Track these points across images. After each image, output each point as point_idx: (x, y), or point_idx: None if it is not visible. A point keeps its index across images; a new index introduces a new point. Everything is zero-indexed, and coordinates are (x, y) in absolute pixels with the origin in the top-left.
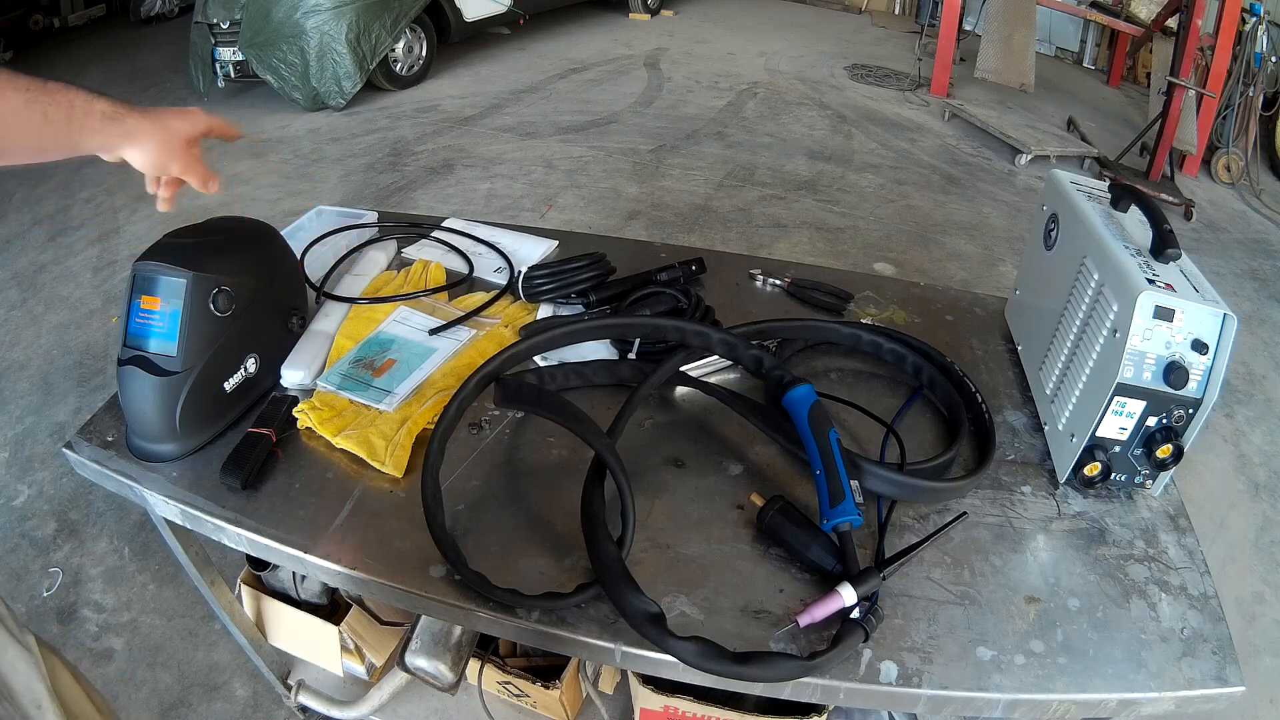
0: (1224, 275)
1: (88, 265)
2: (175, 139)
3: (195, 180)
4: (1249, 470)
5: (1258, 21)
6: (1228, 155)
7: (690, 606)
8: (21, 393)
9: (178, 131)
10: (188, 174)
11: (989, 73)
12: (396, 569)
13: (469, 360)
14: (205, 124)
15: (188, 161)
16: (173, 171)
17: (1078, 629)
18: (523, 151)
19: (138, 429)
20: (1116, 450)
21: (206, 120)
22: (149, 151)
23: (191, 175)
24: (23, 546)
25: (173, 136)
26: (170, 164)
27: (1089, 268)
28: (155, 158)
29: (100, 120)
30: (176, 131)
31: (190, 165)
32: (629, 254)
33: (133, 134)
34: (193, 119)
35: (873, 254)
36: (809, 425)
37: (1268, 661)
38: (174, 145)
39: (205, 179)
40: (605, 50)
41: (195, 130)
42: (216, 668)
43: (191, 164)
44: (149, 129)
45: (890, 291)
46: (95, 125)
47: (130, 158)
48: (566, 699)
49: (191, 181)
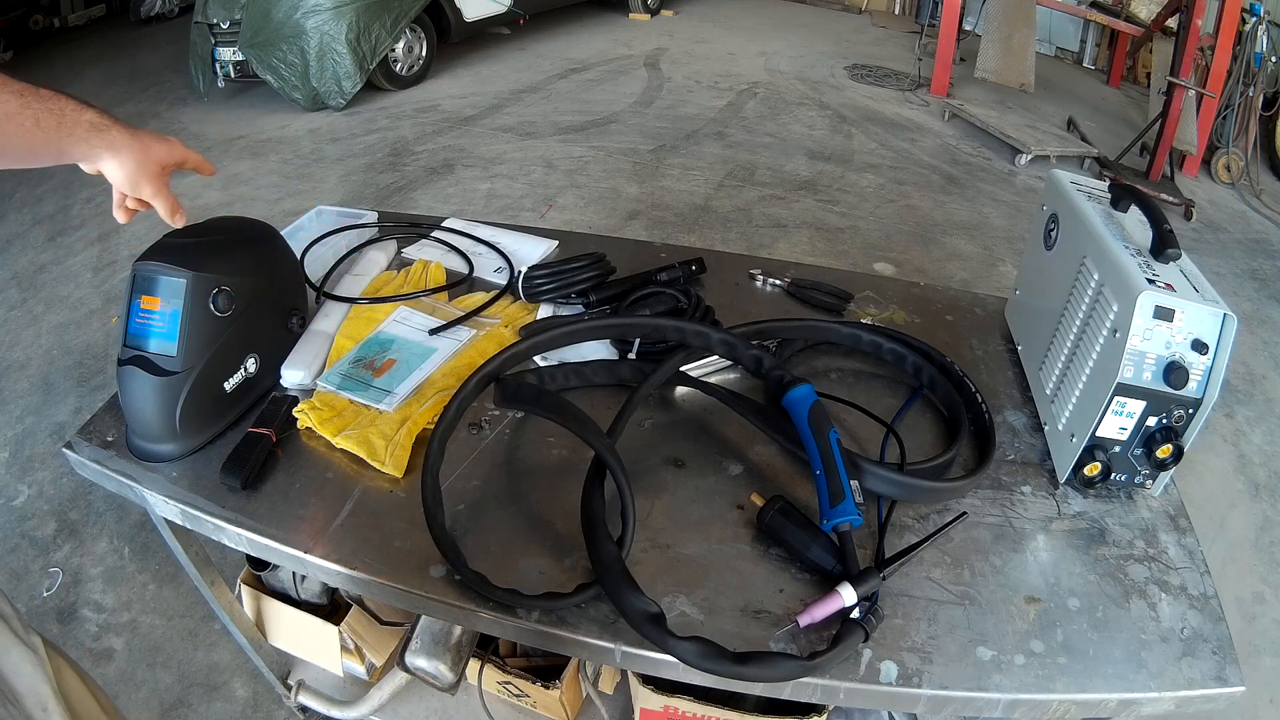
0: (1224, 275)
1: (88, 265)
2: (152, 160)
3: (163, 207)
4: (1249, 470)
5: (1258, 21)
6: (1228, 155)
7: (690, 606)
8: (21, 393)
9: (156, 154)
10: (157, 198)
11: (989, 73)
12: (396, 569)
13: (469, 360)
14: (182, 154)
15: (159, 186)
16: (144, 193)
17: (1078, 629)
18: (523, 151)
19: (138, 429)
20: (1116, 450)
21: (184, 151)
22: (126, 166)
23: (160, 200)
24: (23, 546)
25: (150, 157)
26: (143, 184)
27: (1089, 268)
28: (130, 174)
29: (87, 130)
30: (155, 153)
31: (161, 190)
32: (629, 254)
33: (115, 147)
34: (171, 147)
35: (873, 254)
36: (809, 425)
37: (1268, 661)
38: (150, 167)
39: (173, 209)
40: (605, 50)
41: (172, 158)
42: (216, 668)
43: (162, 190)
44: (130, 144)
45: (890, 291)
46: (82, 134)
47: (108, 171)
48: (566, 699)
49: (159, 208)
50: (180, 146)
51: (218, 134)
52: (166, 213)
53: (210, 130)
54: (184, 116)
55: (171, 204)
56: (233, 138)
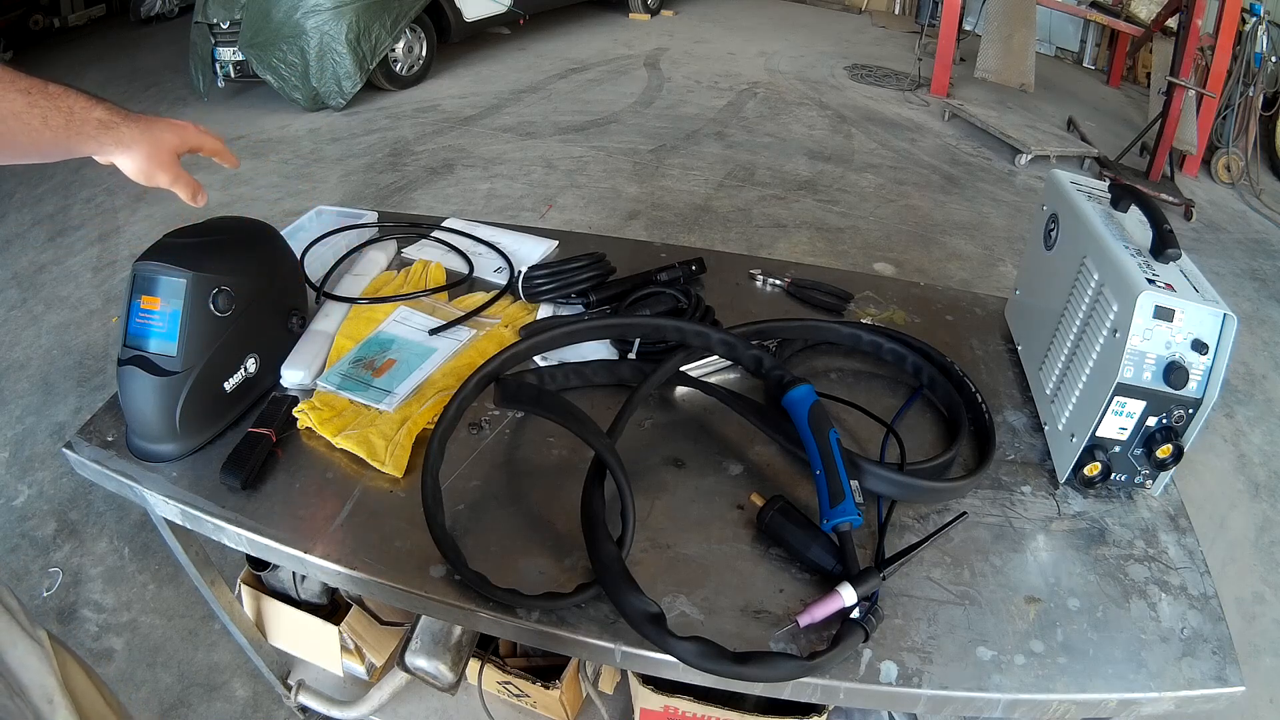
0: (1224, 275)
1: (88, 265)
2: (163, 150)
3: (183, 192)
4: (1249, 470)
5: (1258, 21)
6: (1228, 155)
7: (690, 606)
8: (21, 393)
9: (166, 143)
10: (175, 186)
11: (989, 73)
12: (396, 569)
13: (469, 360)
14: (196, 139)
15: (175, 173)
16: (160, 182)
17: (1078, 629)
18: (523, 151)
19: (138, 429)
20: (1116, 450)
21: (198, 136)
22: (138, 160)
23: (178, 187)
24: (23, 546)
25: (161, 148)
26: (157, 174)
27: (1089, 268)
28: (143, 166)
29: (96, 127)
30: (165, 143)
31: (178, 177)
32: (629, 254)
33: (125, 142)
34: (182, 133)
35: (873, 254)
36: (809, 425)
37: (1268, 661)
38: (162, 156)
39: (193, 191)
40: (605, 50)
41: (184, 144)
42: (216, 668)
43: (179, 177)
44: (139, 138)
45: (890, 291)
46: (91, 132)
47: (121, 164)
48: (566, 699)
49: (180, 193)
50: (193, 131)
51: (218, 134)
52: (188, 197)
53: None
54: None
55: (191, 188)
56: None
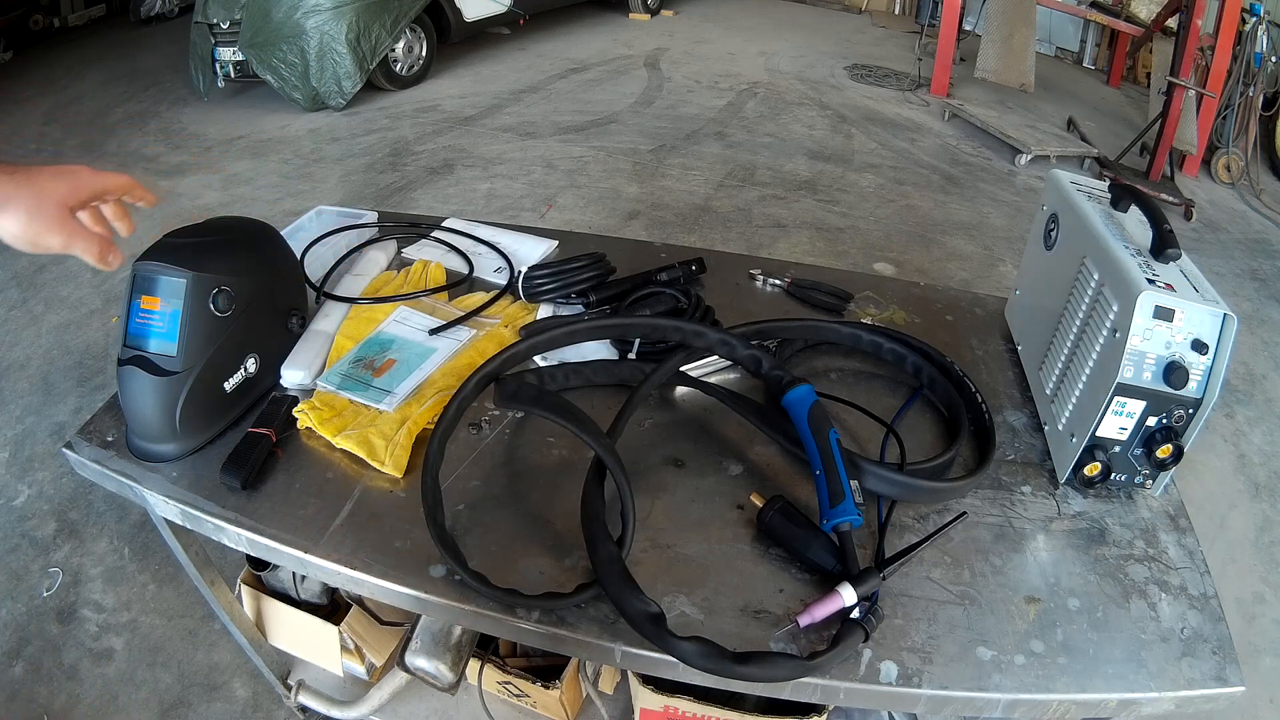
0: (1224, 275)
1: (87, 265)
2: (48, 205)
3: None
4: (1249, 470)
5: (1258, 21)
6: (1228, 155)
7: (690, 606)
8: (21, 393)
9: (52, 196)
10: (72, 247)
11: (989, 73)
12: (396, 569)
13: (469, 360)
14: (93, 185)
15: (70, 231)
16: (52, 246)
17: (1078, 629)
18: (523, 151)
19: (138, 429)
20: (1116, 450)
21: (95, 180)
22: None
23: (77, 247)
24: (23, 546)
25: (45, 202)
26: (44, 236)
27: (1089, 268)
28: (24, 229)
29: None
30: (50, 196)
31: (73, 235)
32: (629, 254)
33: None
34: (74, 180)
35: (873, 254)
36: (809, 425)
37: (1268, 661)
38: (47, 213)
39: (101, 251)
40: (605, 50)
41: (77, 194)
42: (216, 668)
43: (74, 235)
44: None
45: (890, 291)
46: None
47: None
48: (566, 699)
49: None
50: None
51: (218, 134)
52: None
53: (210, 130)
54: (184, 116)
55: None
56: (233, 138)
